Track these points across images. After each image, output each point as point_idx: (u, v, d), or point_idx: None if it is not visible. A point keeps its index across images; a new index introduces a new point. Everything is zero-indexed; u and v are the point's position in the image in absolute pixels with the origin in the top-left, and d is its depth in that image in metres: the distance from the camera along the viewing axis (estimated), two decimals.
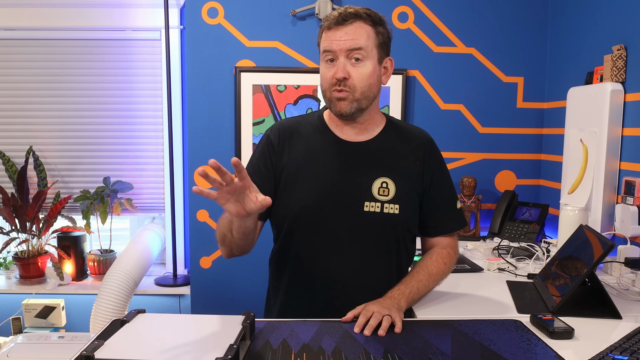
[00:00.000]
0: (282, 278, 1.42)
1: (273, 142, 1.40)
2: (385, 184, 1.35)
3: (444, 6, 2.41)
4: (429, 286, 1.37)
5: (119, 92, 2.68)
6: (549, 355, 1.05)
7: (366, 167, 1.36)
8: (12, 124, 2.69)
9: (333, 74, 1.30)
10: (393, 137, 1.41)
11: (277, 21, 2.39)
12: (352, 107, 1.31)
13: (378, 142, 1.39)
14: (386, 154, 1.38)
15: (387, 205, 1.34)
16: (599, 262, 1.33)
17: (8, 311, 2.60)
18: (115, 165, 2.72)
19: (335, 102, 1.32)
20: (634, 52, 1.82)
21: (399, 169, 1.37)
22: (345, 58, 1.29)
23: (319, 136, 1.40)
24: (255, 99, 2.41)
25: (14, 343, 1.93)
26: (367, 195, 1.34)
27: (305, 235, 1.36)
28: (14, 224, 2.55)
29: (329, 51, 1.30)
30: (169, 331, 1.12)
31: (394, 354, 1.05)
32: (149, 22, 2.61)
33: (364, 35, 1.30)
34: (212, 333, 1.09)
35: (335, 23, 1.30)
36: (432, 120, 2.46)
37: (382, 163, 1.37)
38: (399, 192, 1.35)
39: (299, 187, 1.36)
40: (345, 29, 1.29)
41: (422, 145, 1.43)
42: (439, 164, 1.45)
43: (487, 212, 2.48)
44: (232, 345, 0.98)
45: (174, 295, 2.68)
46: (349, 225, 1.34)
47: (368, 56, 1.31)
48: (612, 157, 1.88)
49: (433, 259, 1.41)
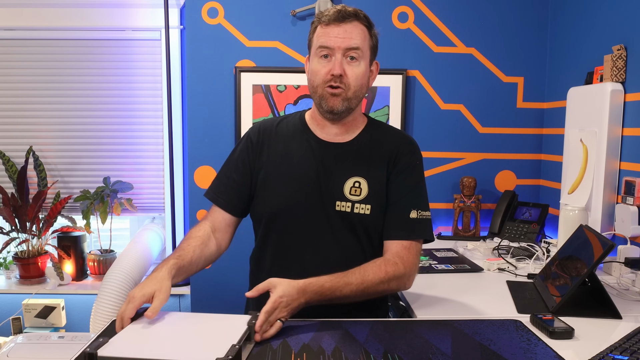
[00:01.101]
0: (260, 277, 1.41)
1: (252, 141, 1.42)
2: (358, 184, 1.35)
3: (444, 6, 2.41)
4: (354, 292, 1.24)
5: (119, 92, 2.67)
6: (549, 355, 1.05)
7: (341, 167, 1.36)
8: (12, 124, 2.68)
9: (328, 70, 1.30)
10: (372, 138, 1.40)
11: (277, 21, 2.39)
12: (343, 105, 1.32)
13: (356, 143, 1.39)
14: (362, 154, 1.38)
15: (357, 205, 1.34)
16: (599, 262, 1.33)
17: (8, 311, 2.59)
18: (115, 165, 2.72)
19: (328, 98, 1.32)
20: (634, 52, 1.82)
21: (373, 170, 1.36)
22: (342, 56, 1.30)
23: (299, 136, 1.40)
24: (255, 99, 2.41)
25: (14, 343, 1.93)
26: (338, 194, 1.34)
27: (281, 234, 1.37)
28: (14, 224, 2.55)
29: (326, 47, 1.30)
30: (173, 329, 1.12)
31: (394, 354, 1.05)
32: (149, 22, 2.61)
33: (360, 35, 1.31)
34: (217, 332, 1.08)
35: (335, 20, 1.30)
36: (432, 120, 2.46)
37: (357, 163, 1.36)
38: (372, 193, 1.34)
39: (275, 186, 1.37)
40: (345, 27, 1.29)
41: (397, 145, 1.39)
42: (407, 166, 1.37)
43: (487, 212, 2.48)
44: (234, 346, 0.98)
45: (174, 295, 2.68)
46: (323, 225, 1.34)
47: (362, 56, 1.32)
48: (612, 157, 1.88)
49: (375, 264, 1.29)
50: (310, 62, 1.35)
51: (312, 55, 1.35)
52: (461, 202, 2.39)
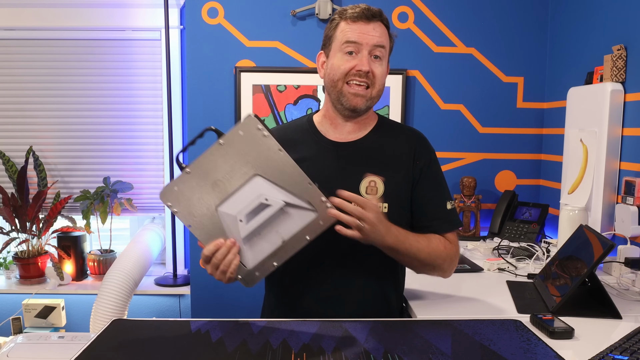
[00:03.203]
0: (276, 280, 1.41)
1: None
2: (374, 183, 1.34)
3: (444, 6, 2.41)
4: (420, 252, 1.30)
5: (119, 92, 2.68)
6: (549, 355, 1.05)
7: (355, 167, 1.35)
8: (12, 124, 2.69)
9: (354, 65, 1.29)
10: (383, 136, 1.40)
11: (277, 21, 2.39)
12: (366, 104, 1.33)
13: (368, 141, 1.39)
14: (375, 152, 1.38)
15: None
16: (599, 262, 1.33)
17: (8, 311, 2.60)
18: (115, 165, 2.72)
19: (349, 97, 1.31)
20: (634, 52, 1.82)
21: (388, 168, 1.36)
22: (368, 53, 1.30)
23: (309, 140, 1.39)
24: (255, 99, 2.41)
25: (14, 343, 1.93)
26: (355, 194, 1.34)
27: None
28: (14, 224, 2.55)
29: (354, 42, 1.29)
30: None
31: (394, 354, 1.05)
32: (149, 22, 2.61)
33: (385, 35, 1.32)
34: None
35: (363, 17, 1.29)
36: (432, 120, 2.46)
37: (371, 162, 1.36)
38: (387, 190, 1.34)
39: None
40: (373, 25, 1.30)
41: (412, 142, 1.41)
42: (429, 162, 1.40)
43: (487, 212, 2.48)
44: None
45: (174, 295, 2.68)
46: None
47: (385, 56, 1.33)
48: (612, 157, 1.88)
49: (436, 238, 1.35)
50: (332, 58, 1.33)
51: (335, 50, 1.33)
52: (461, 202, 2.39)
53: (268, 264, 1.17)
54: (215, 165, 1.14)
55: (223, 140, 1.14)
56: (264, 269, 1.18)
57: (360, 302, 1.34)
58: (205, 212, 1.16)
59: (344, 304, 1.33)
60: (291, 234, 1.16)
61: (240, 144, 1.13)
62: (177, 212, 1.16)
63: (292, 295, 1.37)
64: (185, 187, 1.15)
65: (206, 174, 1.15)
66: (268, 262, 1.17)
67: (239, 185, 1.14)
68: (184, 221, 1.17)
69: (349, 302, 1.33)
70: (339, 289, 1.33)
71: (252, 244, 1.17)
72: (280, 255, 1.17)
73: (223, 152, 1.14)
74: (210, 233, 1.16)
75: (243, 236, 1.15)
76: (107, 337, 1.12)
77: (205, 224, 1.16)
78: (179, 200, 1.16)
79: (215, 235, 1.16)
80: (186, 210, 1.16)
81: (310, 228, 1.16)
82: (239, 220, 1.15)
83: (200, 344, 1.08)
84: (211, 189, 1.15)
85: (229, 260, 1.15)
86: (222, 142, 1.14)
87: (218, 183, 1.14)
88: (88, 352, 1.04)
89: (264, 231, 1.16)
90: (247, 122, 1.13)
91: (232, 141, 1.13)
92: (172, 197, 1.16)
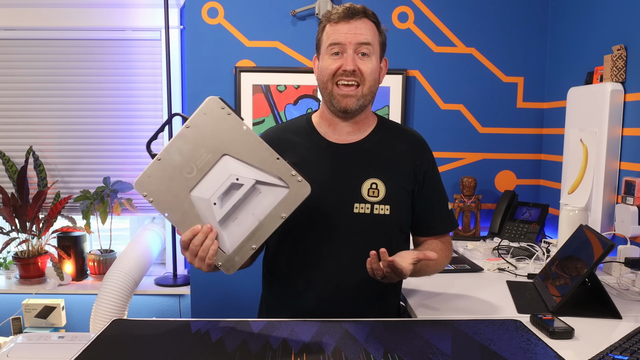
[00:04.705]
0: (275, 281, 1.41)
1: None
2: (375, 185, 1.34)
3: (444, 6, 2.41)
4: (429, 269, 1.39)
5: (119, 92, 2.68)
6: (549, 355, 1.05)
7: (356, 169, 1.35)
8: (12, 124, 2.69)
9: (339, 65, 1.29)
10: (384, 138, 1.40)
11: (277, 21, 2.39)
12: (357, 103, 1.32)
13: (368, 142, 1.38)
14: (376, 154, 1.37)
15: (377, 206, 1.33)
16: (599, 262, 1.33)
17: (8, 311, 2.60)
18: (115, 165, 2.72)
19: (339, 99, 1.31)
20: (634, 52, 1.82)
21: (389, 170, 1.36)
22: (353, 52, 1.29)
23: (308, 140, 1.39)
24: (255, 99, 2.41)
25: (14, 343, 1.93)
26: (356, 196, 1.33)
27: (297, 238, 1.35)
28: (14, 224, 2.55)
29: (337, 44, 1.29)
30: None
31: (394, 354, 1.05)
32: (149, 22, 2.61)
33: (371, 31, 1.31)
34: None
35: (344, 17, 1.30)
36: (432, 120, 2.46)
37: (372, 164, 1.36)
38: (389, 192, 1.34)
39: None
40: (355, 24, 1.30)
41: (414, 145, 1.41)
42: (431, 165, 1.43)
43: (487, 212, 2.48)
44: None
45: (174, 295, 2.68)
46: (340, 228, 1.33)
47: (374, 52, 1.32)
48: (612, 157, 1.88)
49: (438, 246, 1.43)
50: (321, 60, 1.34)
51: (323, 54, 1.33)
52: (461, 202, 2.39)
53: (246, 247, 1.16)
54: (184, 150, 1.14)
55: (189, 123, 1.14)
56: (242, 253, 1.16)
57: (358, 301, 1.34)
58: (179, 198, 1.15)
59: (343, 304, 1.33)
60: (265, 212, 1.15)
61: (206, 125, 1.13)
62: (152, 201, 1.15)
63: (292, 295, 1.37)
64: (158, 174, 1.15)
65: (176, 159, 1.14)
66: (246, 245, 1.16)
67: (209, 168, 1.14)
68: (160, 210, 1.15)
69: (347, 301, 1.33)
70: (338, 288, 1.33)
71: (228, 228, 1.16)
72: (257, 237, 1.15)
73: (190, 135, 1.14)
74: (186, 220, 1.15)
75: (218, 219, 1.14)
76: (107, 337, 1.12)
77: (180, 211, 1.15)
78: (153, 189, 1.15)
79: (191, 222, 1.15)
80: (161, 198, 1.15)
81: (284, 205, 1.15)
82: (212, 204, 1.14)
83: (200, 344, 1.08)
84: (182, 174, 1.14)
85: (207, 246, 1.13)
86: (189, 126, 1.14)
87: (188, 168, 1.14)
88: (88, 352, 1.04)
89: (239, 213, 1.15)
90: (210, 103, 1.13)
91: (198, 124, 1.13)
92: (146, 186, 1.15)
